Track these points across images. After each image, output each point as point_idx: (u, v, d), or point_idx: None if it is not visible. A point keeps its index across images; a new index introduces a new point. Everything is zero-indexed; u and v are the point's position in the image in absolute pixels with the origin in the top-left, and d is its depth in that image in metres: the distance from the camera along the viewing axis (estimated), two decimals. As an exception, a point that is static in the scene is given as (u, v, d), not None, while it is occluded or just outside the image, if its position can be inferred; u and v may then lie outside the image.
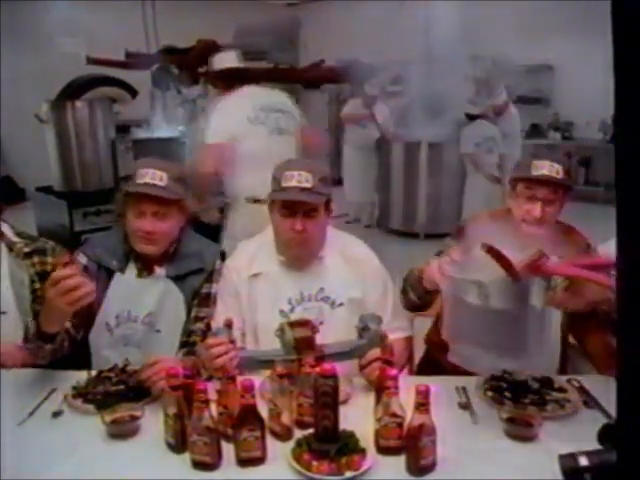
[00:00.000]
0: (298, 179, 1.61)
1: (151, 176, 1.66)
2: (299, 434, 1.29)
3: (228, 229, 2.91)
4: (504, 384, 1.51)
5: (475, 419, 1.40)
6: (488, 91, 5.54)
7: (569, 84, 7.08)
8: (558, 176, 1.68)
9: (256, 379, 1.31)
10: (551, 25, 6.39)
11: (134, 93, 4.69)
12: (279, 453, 1.25)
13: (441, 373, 1.67)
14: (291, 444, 1.25)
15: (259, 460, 1.23)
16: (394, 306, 1.78)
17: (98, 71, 5.18)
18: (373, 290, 1.75)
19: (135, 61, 5.88)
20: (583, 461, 0.83)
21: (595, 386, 1.50)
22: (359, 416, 1.34)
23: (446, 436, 1.23)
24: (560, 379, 1.55)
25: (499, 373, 1.55)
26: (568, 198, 1.75)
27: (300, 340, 1.44)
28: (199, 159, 2.77)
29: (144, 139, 4.64)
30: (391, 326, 1.67)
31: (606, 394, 1.40)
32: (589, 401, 1.45)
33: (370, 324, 1.51)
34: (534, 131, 7.74)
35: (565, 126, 7.70)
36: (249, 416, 1.20)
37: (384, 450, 1.25)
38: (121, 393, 1.48)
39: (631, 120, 0.57)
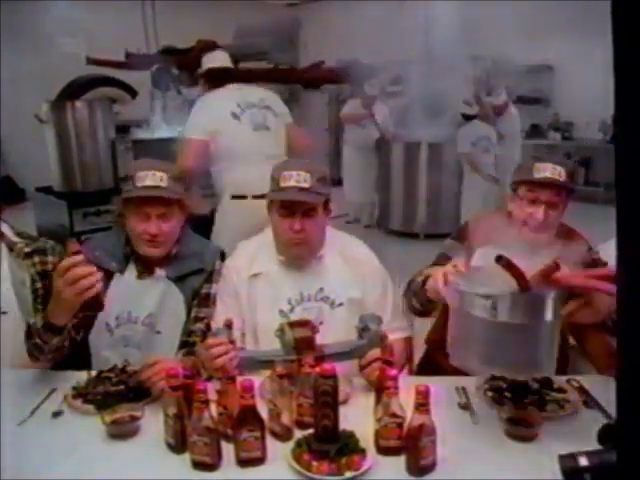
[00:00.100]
0: (296, 179, 1.61)
1: (152, 178, 1.65)
2: (299, 434, 1.29)
3: (217, 224, 2.98)
4: (504, 384, 1.51)
5: (475, 419, 1.40)
6: (488, 91, 5.55)
7: (569, 84, 7.08)
8: (561, 178, 1.64)
9: (256, 379, 1.31)
10: (551, 25, 6.39)
11: (134, 93, 4.70)
12: (279, 453, 1.25)
13: (441, 373, 1.67)
14: (291, 444, 1.25)
15: (259, 460, 1.23)
16: (394, 306, 1.78)
17: (98, 71, 5.19)
18: (373, 290, 1.75)
19: (135, 61, 5.89)
20: (583, 461, 0.83)
21: (595, 386, 1.50)
22: (359, 416, 1.33)
23: (446, 436, 1.23)
24: (560, 379, 1.54)
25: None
26: (570, 199, 1.71)
27: (300, 340, 1.44)
28: (180, 154, 2.86)
29: (144, 139, 4.66)
30: (391, 326, 1.67)
31: (606, 394, 1.40)
32: (589, 401, 1.45)
33: (370, 324, 1.51)
34: (534, 131, 7.75)
35: (565, 126, 7.70)
36: (249, 416, 1.20)
37: (384, 450, 1.25)
38: (121, 393, 1.47)
39: (631, 120, 0.57)
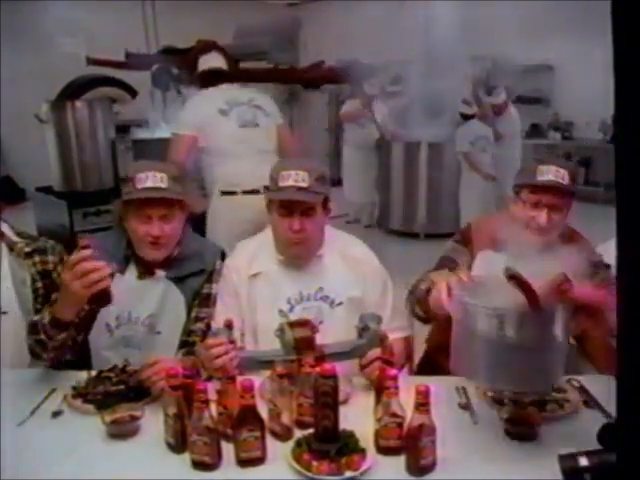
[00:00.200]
0: (295, 178, 1.61)
1: (152, 179, 1.63)
2: (299, 434, 1.29)
3: (209, 220, 3.05)
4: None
5: (475, 419, 1.40)
6: (487, 91, 5.55)
7: (569, 84, 7.08)
8: (564, 182, 1.61)
9: (256, 379, 1.31)
10: (551, 25, 6.38)
11: (134, 93, 4.69)
12: (279, 453, 1.25)
13: (441, 374, 1.67)
14: (291, 444, 1.25)
15: (259, 460, 1.23)
16: (394, 306, 1.78)
17: (98, 71, 5.18)
18: (372, 290, 1.75)
19: (135, 61, 5.89)
20: (583, 461, 0.83)
21: (595, 386, 1.50)
22: (359, 416, 1.33)
23: (446, 436, 1.23)
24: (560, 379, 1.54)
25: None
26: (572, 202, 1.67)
27: (300, 340, 1.44)
28: (169, 150, 2.94)
29: (144, 139, 4.64)
30: (391, 326, 1.67)
31: (606, 394, 1.40)
32: (589, 401, 1.45)
33: (370, 324, 1.50)
34: (534, 131, 7.75)
35: (565, 126, 7.70)
36: (249, 416, 1.20)
37: (384, 450, 1.25)
38: (121, 393, 1.47)
39: (631, 120, 0.57)
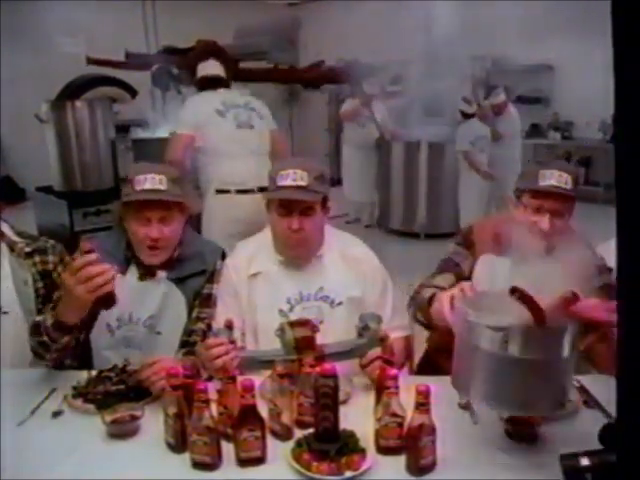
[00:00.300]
0: (293, 177, 1.61)
1: (151, 181, 1.62)
2: (299, 434, 1.29)
3: (204, 219, 3.10)
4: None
5: (475, 419, 1.40)
6: (486, 90, 5.55)
7: (569, 84, 7.08)
8: (567, 186, 1.57)
9: (256, 379, 1.31)
10: (551, 25, 6.39)
11: (134, 93, 4.69)
12: (279, 453, 1.25)
13: (441, 374, 1.67)
14: (291, 444, 1.25)
15: (259, 460, 1.23)
16: (394, 305, 1.78)
17: (98, 71, 5.18)
18: (372, 289, 1.75)
19: (135, 61, 5.89)
20: (584, 461, 0.83)
21: (595, 386, 1.50)
22: (359, 416, 1.33)
23: (446, 436, 1.23)
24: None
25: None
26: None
27: (300, 340, 1.44)
28: (168, 148, 3.02)
29: (144, 139, 4.65)
30: (391, 325, 1.67)
31: (606, 394, 1.40)
32: (589, 401, 1.45)
33: (370, 323, 1.50)
34: (534, 131, 7.75)
35: (565, 126, 7.70)
36: (249, 416, 1.20)
37: (384, 450, 1.25)
38: (121, 393, 1.47)
39: (631, 120, 0.57)
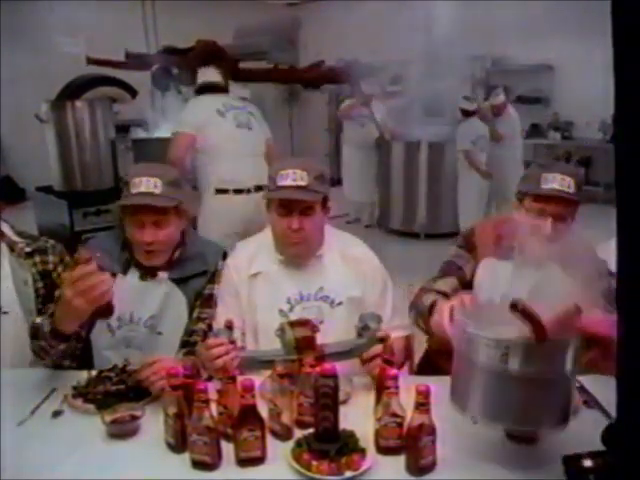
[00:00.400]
0: (293, 177, 1.61)
1: (145, 185, 1.61)
2: (299, 434, 1.29)
3: (201, 218, 3.14)
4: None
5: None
6: (486, 90, 5.55)
7: (569, 84, 7.08)
8: (570, 190, 1.55)
9: (256, 379, 1.31)
10: (551, 25, 6.39)
11: (134, 93, 4.70)
12: (279, 453, 1.25)
13: (441, 374, 1.67)
14: (291, 444, 1.25)
15: (259, 460, 1.23)
16: (393, 305, 1.78)
17: (98, 71, 5.18)
18: (372, 289, 1.75)
19: (135, 61, 5.89)
20: (587, 463, 0.83)
21: (595, 386, 1.50)
22: (359, 416, 1.33)
23: (446, 436, 1.23)
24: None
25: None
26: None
27: (300, 340, 1.44)
28: (170, 147, 3.10)
29: (144, 139, 4.65)
30: (391, 325, 1.67)
31: (606, 394, 1.40)
32: (589, 401, 1.45)
33: (370, 323, 1.50)
34: (534, 131, 7.74)
35: (565, 126, 7.70)
36: (249, 416, 1.20)
37: (384, 450, 1.25)
38: (121, 393, 1.47)
39: (631, 120, 0.57)
